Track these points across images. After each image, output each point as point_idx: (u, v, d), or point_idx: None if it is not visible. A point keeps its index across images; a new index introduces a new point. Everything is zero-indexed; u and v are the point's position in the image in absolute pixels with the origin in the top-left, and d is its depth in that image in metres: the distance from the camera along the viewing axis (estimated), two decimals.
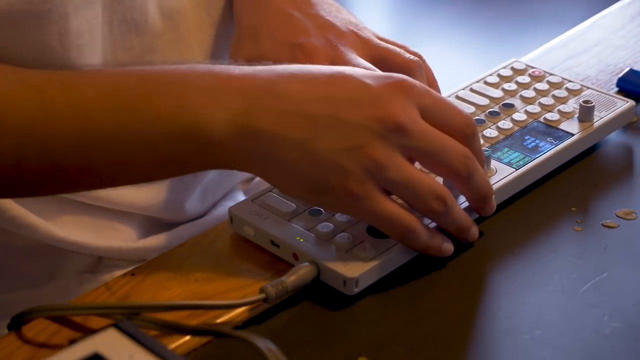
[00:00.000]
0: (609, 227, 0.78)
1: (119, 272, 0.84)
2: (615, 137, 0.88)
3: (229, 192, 0.96)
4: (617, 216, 0.79)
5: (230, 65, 0.72)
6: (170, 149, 0.71)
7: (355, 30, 0.84)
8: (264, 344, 0.65)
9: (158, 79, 0.71)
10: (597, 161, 0.86)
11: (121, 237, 0.88)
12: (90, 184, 0.74)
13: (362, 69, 0.74)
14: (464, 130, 0.72)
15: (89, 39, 0.77)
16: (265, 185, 0.80)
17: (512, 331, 0.70)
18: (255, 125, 0.70)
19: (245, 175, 0.98)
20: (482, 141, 0.83)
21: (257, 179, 0.99)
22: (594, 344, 0.69)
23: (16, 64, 0.72)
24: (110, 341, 0.63)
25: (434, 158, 0.71)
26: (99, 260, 0.88)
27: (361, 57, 0.82)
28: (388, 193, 0.71)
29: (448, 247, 0.74)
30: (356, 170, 0.69)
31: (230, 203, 0.94)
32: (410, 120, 0.70)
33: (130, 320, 0.67)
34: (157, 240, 0.88)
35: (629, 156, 0.87)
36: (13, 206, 0.82)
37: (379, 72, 0.73)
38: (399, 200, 0.72)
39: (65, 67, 0.76)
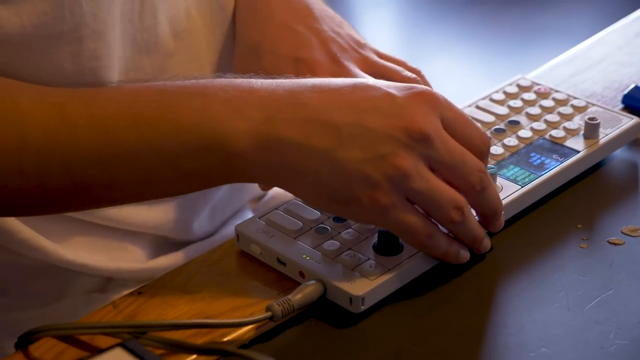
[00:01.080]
0: (615, 244, 0.78)
1: (127, 292, 0.84)
2: (620, 154, 0.88)
3: (238, 211, 0.96)
4: (622, 233, 0.79)
5: (251, 78, 0.72)
6: (193, 161, 0.71)
7: (356, 46, 0.84)
8: None
9: (178, 92, 0.71)
10: (602, 178, 0.86)
11: (130, 258, 0.87)
12: (115, 199, 0.74)
13: (384, 81, 0.74)
14: (479, 147, 0.73)
15: (104, 61, 0.77)
16: (275, 203, 0.80)
17: (518, 348, 0.70)
18: (279, 135, 0.70)
19: (254, 193, 0.98)
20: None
21: (267, 197, 0.98)
22: None
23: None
24: None
25: (453, 170, 0.71)
26: (108, 280, 0.88)
27: None
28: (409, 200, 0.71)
29: (465, 254, 0.74)
30: (382, 180, 0.69)
31: (239, 222, 0.94)
32: (434, 130, 0.70)
33: (136, 339, 0.67)
34: (166, 261, 0.88)
35: (635, 173, 0.87)
36: (23, 229, 0.82)
37: (400, 83, 0.73)
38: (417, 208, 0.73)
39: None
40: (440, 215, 0.72)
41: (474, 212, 0.75)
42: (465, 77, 2.63)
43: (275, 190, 0.97)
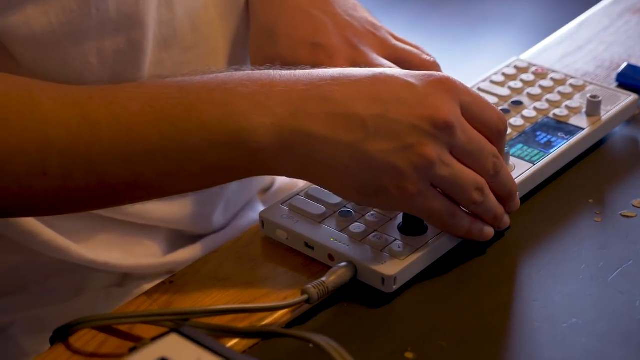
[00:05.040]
0: (627, 216, 0.81)
1: (147, 286, 0.84)
2: (620, 130, 0.90)
3: (248, 203, 0.96)
4: (633, 206, 0.82)
5: (269, 71, 0.73)
6: (217, 157, 0.71)
7: (372, 29, 0.85)
8: (324, 340, 0.66)
9: (199, 88, 0.71)
10: (606, 154, 0.88)
11: (148, 253, 0.88)
12: (138, 196, 0.74)
13: (401, 70, 0.75)
14: (498, 127, 0.74)
15: (127, 55, 0.77)
16: (282, 194, 0.80)
17: (549, 320, 0.72)
18: (304, 129, 0.71)
19: (263, 184, 0.99)
20: None
21: (275, 188, 0.99)
22: (630, 328, 0.71)
23: (57, 81, 0.72)
24: (174, 346, 0.63)
25: (470, 156, 0.73)
26: (125, 275, 0.88)
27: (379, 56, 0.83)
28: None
29: (488, 230, 0.76)
30: (409, 169, 0.71)
31: (249, 213, 0.94)
32: (456, 119, 0.72)
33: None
34: (182, 255, 0.88)
35: (636, 148, 0.89)
36: (45, 231, 0.82)
37: (417, 71, 0.74)
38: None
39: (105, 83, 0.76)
40: (463, 198, 0.74)
41: None
42: None
43: (282, 181, 0.98)
